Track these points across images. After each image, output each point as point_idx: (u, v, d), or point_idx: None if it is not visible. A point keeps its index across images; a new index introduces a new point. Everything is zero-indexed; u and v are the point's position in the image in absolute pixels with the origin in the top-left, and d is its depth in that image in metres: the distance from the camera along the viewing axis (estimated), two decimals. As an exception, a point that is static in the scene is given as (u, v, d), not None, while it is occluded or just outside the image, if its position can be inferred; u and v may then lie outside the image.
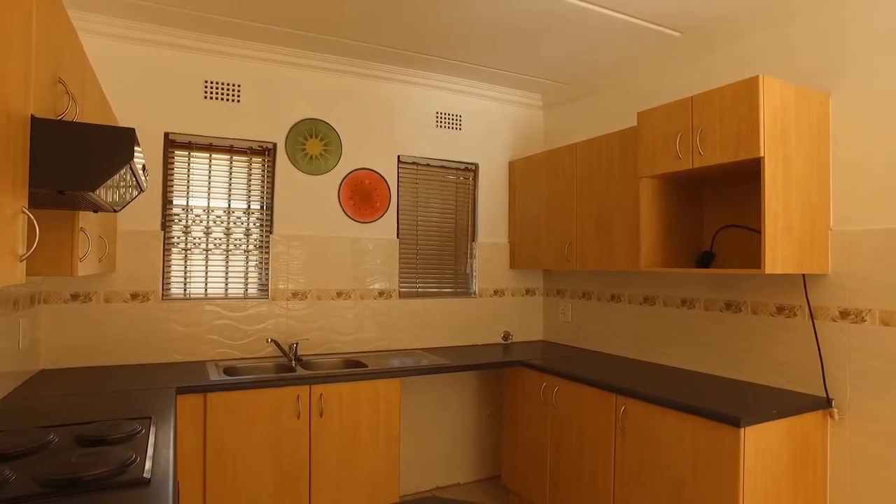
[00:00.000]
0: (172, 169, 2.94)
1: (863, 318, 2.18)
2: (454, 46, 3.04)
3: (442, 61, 3.28)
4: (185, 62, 2.92)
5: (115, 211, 1.80)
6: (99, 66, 2.68)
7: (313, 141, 3.23)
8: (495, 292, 3.77)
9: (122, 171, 1.26)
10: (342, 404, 2.67)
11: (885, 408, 2.11)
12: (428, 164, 3.60)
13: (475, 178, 3.75)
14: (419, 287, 3.57)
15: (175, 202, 2.95)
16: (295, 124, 3.17)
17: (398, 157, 3.48)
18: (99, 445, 1.56)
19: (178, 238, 2.95)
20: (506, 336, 3.72)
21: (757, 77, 2.08)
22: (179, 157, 2.96)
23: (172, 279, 2.94)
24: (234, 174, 3.09)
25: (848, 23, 2.26)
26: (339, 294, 3.28)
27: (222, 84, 3.00)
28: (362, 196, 3.36)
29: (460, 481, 3.61)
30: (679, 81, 2.97)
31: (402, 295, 3.48)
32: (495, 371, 3.66)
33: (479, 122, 3.73)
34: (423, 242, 3.59)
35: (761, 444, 2.05)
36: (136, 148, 1.26)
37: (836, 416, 2.25)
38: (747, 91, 2.11)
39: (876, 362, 2.14)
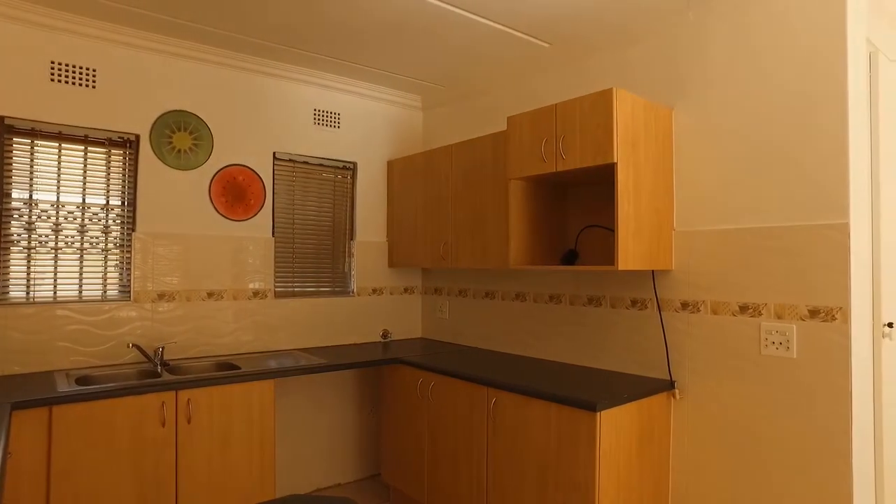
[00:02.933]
0: (11, 158, 2.61)
1: (698, 308, 2.43)
2: (332, 43, 2.98)
3: (320, 58, 3.20)
4: (26, 38, 2.60)
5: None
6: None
7: (182, 134, 3.01)
8: (374, 291, 3.75)
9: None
10: (212, 409, 2.52)
11: (714, 386, 2.36)
12: (305, 162, 3.50)
13: (353, 177, 3.70)
14: (296, 286, 3.46)
15: (14, 195, 2.62)
16: (161, 116, 2.95)
17: (274, 153, 3.35)
18: None
19: (20, 236, 2.63)
20: (385, 334, 3.71)
21: (611, 89, 2.24)
22: (20, 145, 2.64)
23: (11, 281, 2.61)
24: (89, 167, 2.80)
25: (687, 48, 2.50)
26: (210, 295, 3.09)
27: (74, 67, 2.71)
28: (235, 193, 3.20)
29: (341, 481, 3.55)
30: (548, 89, 3.13)
31: (277, 295, 3.35)
32: (374, 369, 3.64)
33: (358, 120, 3.69)
34: (299, 241, 3.48)
35: (614, 425, 2.21)
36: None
37: (678, 397, 2.49)
38: (603, 102, 2.26)
39: (707, 347, 2.39)
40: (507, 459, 2.50)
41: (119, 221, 2.87)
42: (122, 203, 2.89)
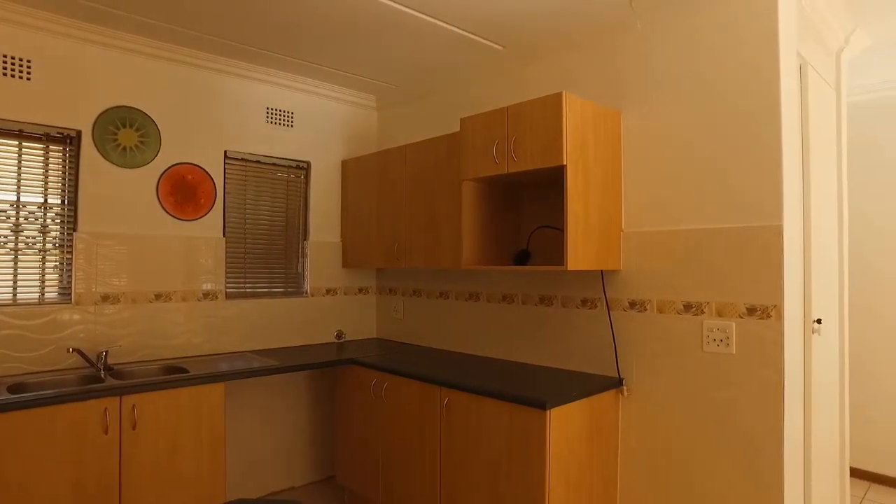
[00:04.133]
0: (-60, 154, 2.46)
1: (645, 307, 2.49)
2: (284, 41, 2.93)
3: (273, 55, 3.13)
4: (-43, 30, 2.45)
5: None
6: None
7: (127, 131, 2.90)
8: (328, 291, 3.70)
9: None
10: (159, 414, 2.43)
11: (660, 382, 2.43)
12: (258, 161, 3.42)
13: (307, 177, 3.64)
14: (248, 287, 3.38)
15: (-56, 193, 2.47)
16: (104, 111, 2.82)
17: (225, 152, 3.26)
18: None
19: (-51, 235, 2.48)
20: (339, 335, 3.67)
21: (561, 93, 2.27)
22: (-50, 140, 2.48)
23: (-60, 283, 2.45)
24: (25, 163, 2.66)
25: (634, 55, 2.56)
26: (158, 296, 2.99)
27: (5, 57, 2.56)
28: (185, 192, 3.10)
29: (295, 484, 3.48)
30: (502, 91, 3.15)
31: (229, 296, 3.26)
32: (328, 370, 3.59)
33: (311, 119, 3.63)
34: (251, 241, 3.40)
35: (564, 422, 2.25)
36: None
37: (626, 393, 2.54)
38: (552, 105, 2.30)
39: (653, 344, 2.46)
40: (460, 458, 2.50)
41: (59, 221, 2.74)
42: (62, 202, 2.76)
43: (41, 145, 2.71)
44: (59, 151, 2.75)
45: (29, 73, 2.62)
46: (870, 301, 3.60)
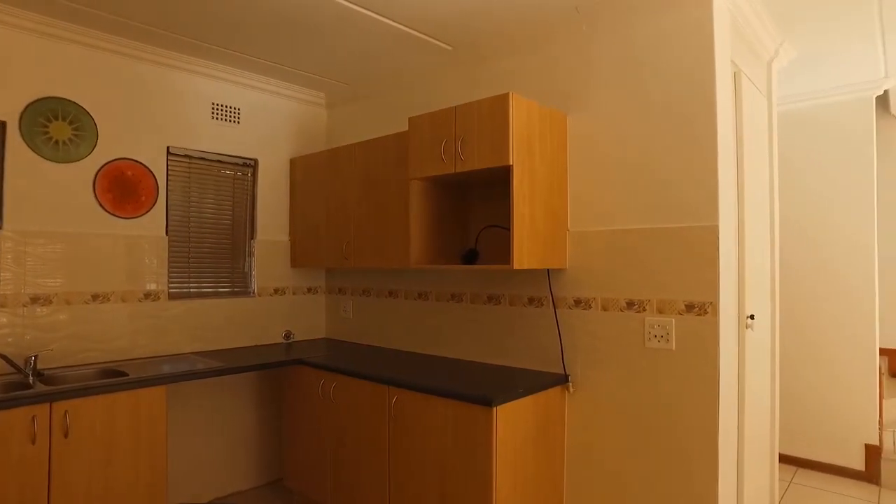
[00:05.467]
0: None
1: (590, 305, 2.51)
2: (229, 36, 2.82)
3: (218, 50, 3.01)
4: None
5: None
6: None
7: (60, 123, 2.72)
8: (276, 291, 3.59)
9: None
10: (94, 420, 2.29)
11: (604, 378, 2.46)
12: (203, 158, 3.28)
13: (254, 175, 3.52)
14: (192, 287, 3.24)
15: None
16: (33, 102, 2.64)
17: (168, 148, 3.11)
18: None
19: None
20: (287, 335, 3.57)
21: (507, 94, 2.26)
22: None
23: None
24: (-55, 157, 2.47)
25: (579, 58, 2.58)
26: (94, 297, 2.82)
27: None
28: (124, 189, 2.94)
29: (241, 488, 3.36)
30: (451, 91, 3.13)
31: (171, 296, 3.12)
32: (275, 371, 3.48)
33: (259, 116, 3.51)
34: (196, 240, 3.27)
35: (510, 419, 2.24)
36: None
37: (571, 389, 2.56)
38: (499, 105, 2.28)
39: (598, 341, 2.49)
40: (408, 457, 2.46)
41: (-17, 218, 2.55)
42: (-12, 198, 2.57)
43: (-37, 138, 2.52)
44: (-17, 144, 2.56)
45: (-51, 60, 2.43)
46: (798, 298, 3.76)
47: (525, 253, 2.32)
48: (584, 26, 2.54)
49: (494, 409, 2.15)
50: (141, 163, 3.00)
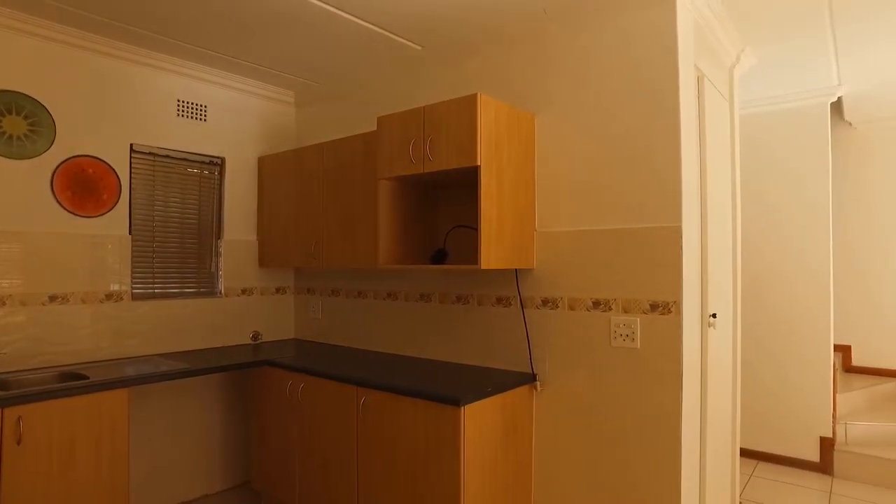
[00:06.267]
0: None
1: (557, 305, 2.52)
2: (196, 32, 2.74)
3: (184, 46, 2.92)
4: None
5: None
6: None
7: (14, 118, 2.61)
8: (243, 291, 3.51)
9: None
10: (51, 426, 2.20)
11: (571, 377, 2.47)
12: (168, 156, 3.19)
13: (221, 173, 3.43)
14: (157, 288, 3.14)
15: None
16: (-14, 97, 2.53)
17: (131, 145, 3.01)
18: None
19: None
20: (255, 336, 3.49)
21: (475, 94, 2.25)
22: None
23: None
24: None
25: (547, 60, 2.58)
26: (53, 298, 2.71)
27: None
28: (85, 187, 2.83)
29: (208, 492, 3.28)
30: (421, 91, 3.10)
31: (135, 297, 3.02)
32: (243, 373, 3.40)
33: (226, 114, 3.42)
34: (161, 240, 3.17)
35: (478, 418, 2.23)
36: None
37: (539, 388, 2.56)
38: (468, 106, 2.27)
39: (565, 340, 2.49)
40: (377, 457, 2.43)
41: (-67, 216, 2.43)
42: (-62, 195, 2.44)
43: (-89, 133, 2.39)
44: (-67, 140, 2.44)
45: None
46: (758, 297, 3.84)
47: (493, 253, 2.31)
48: (552, 26, 2.54)
49: (462, 408, 2.13)
50: (102, 160, 2.89)
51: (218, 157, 3.41)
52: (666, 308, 2.21)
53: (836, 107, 3.98)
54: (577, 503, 2.44)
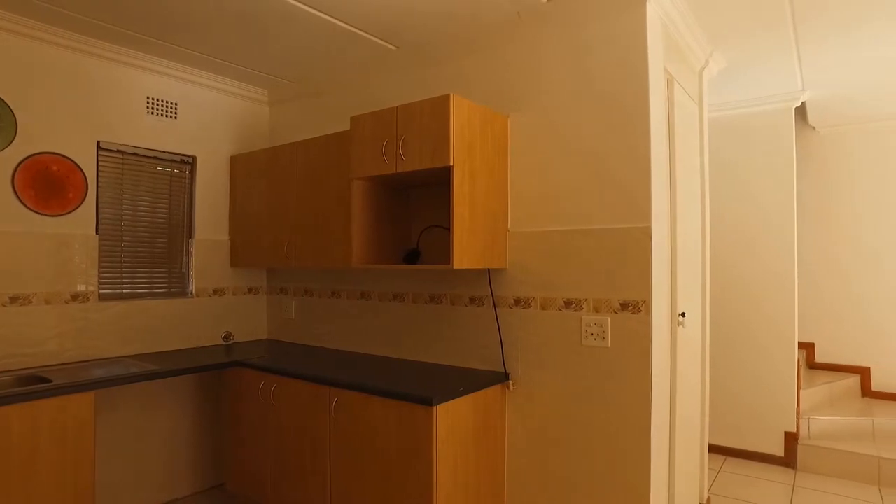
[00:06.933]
0: None
1: (529, 304, 2.52)
2: (166, 28, 2.68)
3: (154, 42, 2.85)
4: None
5: None
6: None
7: (-26, 114, 2.51)
8: (215, 291, 3.44)
9: None
10: (10, 432, 2.12)
11: (543, 376, 2.47)
12: (137, 154, 3.11)
13: (193, 172, 3.36)
14: (126, 288, 3.06)
15: None
16: (-56, 91, 2.43)
17: (98, 142, 2.93)
18: None
19: None
20: (227, 337, 3.43)
21: (448, 95, 2.24)
22: None
23: None
24: None
25: (521, 62, 2.58)
26: (13, 299, 2.62)
27: None
28: (49, 185, 2.74)
29: (179, 495, 3.20)
30: (395, 91, 3.07)
31: (102, 297, 2.93)
32: (215, 374, 3.32)
33: (198, 112, 3.35)
34: (129, 239, 3.09)
35: (451, 417, 2.22)
36: None
37: (511, 387, 2.56)
38: (440, 107, 2.25)
39: (537, 340, 2.49)
40: (350, 458, 2.40)
41: None
42: None
43: None
44: None
45: None
46: (726, 296, 3.90)
47: (465, 253, 2.30)
48: (525, 29, 2.54)
49: (434, 408, 2.12)
50: (68, 157, 2.80)
51: (189, 156, 3.33)
52: (636, 307, 2.23)
53: (801, 111, 4.07)
54: (549, 500, 2.44)
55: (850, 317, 4.46)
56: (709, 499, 3.04)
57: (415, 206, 2.90)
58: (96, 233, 2.91)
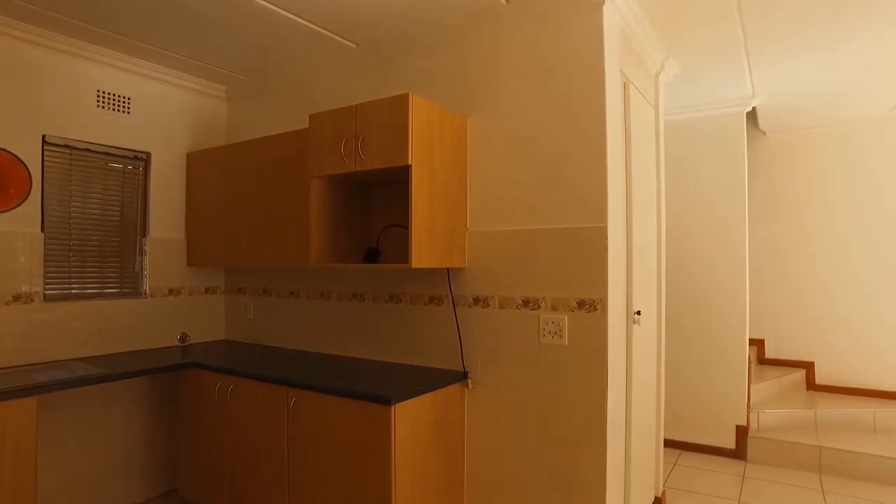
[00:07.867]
0: None
1: (488, 303, 2.51)
2: (118, 19, 2.57)
3: (105, 33, 2.73)
4: None
5: None
6: None
7: None
8: (171, 291, 3.32)
9: None
10: (-57, 439, 2.00)
11: (502, 374, 2.47)
12: (87, 150, 2.97)
13: (147, 169, 3.24)
14: (74, 288, 2.93)
15: None
16: None
17: (44, 137, 2.79)
18: None
19: None
20: (183, 338, 3.31)
21: (407, 94, 2.21)
22: None
23: None
24: None
25: (480, 63, 2.57)
26: (-49, 301, 2.47)
27: None
28: (-10, 180, 2.60)
29: (133, 501, 3.08)
30: (355, 89, 3.02)
31: (48, 298, 2.80)
32: (170, 376, 3.20)
33: (152, 107, 3.23)
34: (79, 238, 2.95)
35: (410, 416, 2.19)
36: None
37: (471, 386, 2.55)
38: (399, 106, 2.23)
39: (495, 338, 2.49)
40: (308, 459, 2.35)
41: None
42: None
43: None
44: None
45: None
46: (680, 295, 3.98)
47: (424, 252, 2.27)
48: (485, 32, 2.53)
49: (393, 407, 2.09)
50: (10, 152, 2.66)
51: (143, 152, 3.21)
52: (592, 306, 2.25)
53: (752, 116, 4.19)
54: (508, 498, 2.44)
55: (796, 314, 4.62)
56: (664, 492, 3.09)
57: (375, 205, 2.85)
58: (42, 231, 2.77)
